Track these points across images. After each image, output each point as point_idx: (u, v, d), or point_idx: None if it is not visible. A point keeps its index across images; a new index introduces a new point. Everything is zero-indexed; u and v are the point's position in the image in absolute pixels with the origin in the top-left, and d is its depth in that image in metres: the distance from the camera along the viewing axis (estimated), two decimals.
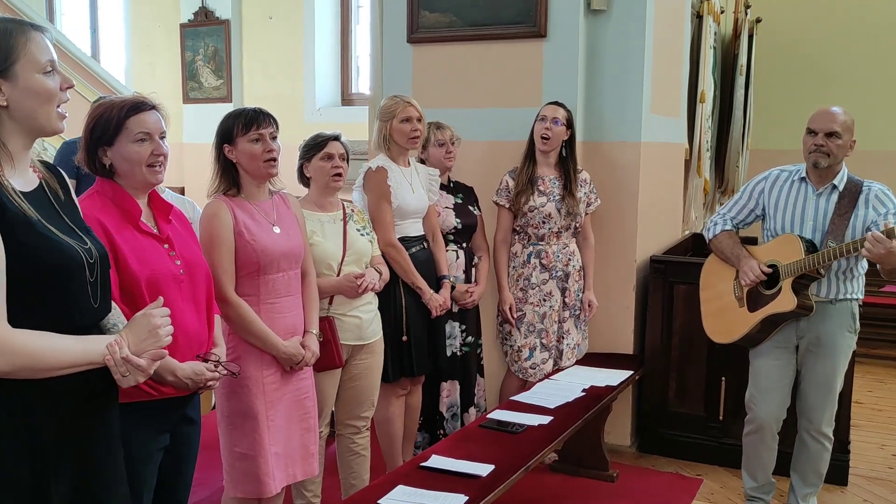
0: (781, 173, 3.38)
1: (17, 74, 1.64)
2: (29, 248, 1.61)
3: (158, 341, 1.78)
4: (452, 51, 4.25)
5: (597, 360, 4.00)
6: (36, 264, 1.62)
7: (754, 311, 3.28)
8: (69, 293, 1.68)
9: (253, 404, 2.64)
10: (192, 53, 9.00)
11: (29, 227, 1.62)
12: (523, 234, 3.82)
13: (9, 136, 1.66)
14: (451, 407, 3.77)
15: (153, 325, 1.77)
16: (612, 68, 4.06)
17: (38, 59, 1.66)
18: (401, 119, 3.42)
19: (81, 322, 1.72)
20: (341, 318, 3.06)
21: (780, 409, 3.37)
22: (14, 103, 1.65)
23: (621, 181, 4.10)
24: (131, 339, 1.74)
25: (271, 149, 2.64)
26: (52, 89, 1.68)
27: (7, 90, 1.64)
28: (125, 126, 2.14)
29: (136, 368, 1.71)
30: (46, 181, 1.77)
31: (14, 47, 1.64)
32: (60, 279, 1.66)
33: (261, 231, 2.64)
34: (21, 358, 1.56)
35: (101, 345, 1.69)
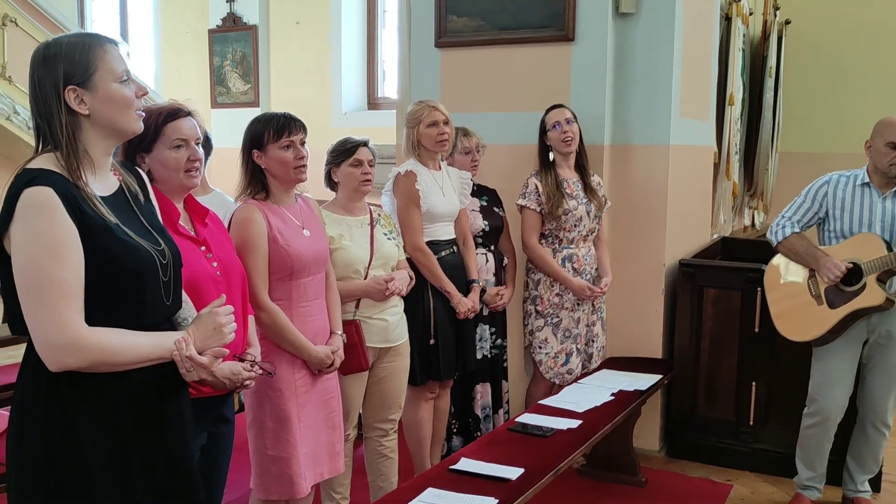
0: (841, 178, 3.50)
1: (97, 84, 1.72)
2: (107, 252, 1.69)
3: (223, 338, 1.86)
4: (480, 55, 4.26)
5: (625, 364, 3.99)
6: (114, 268, 1.70)
7: (836, 308, 3.36)
8: (145, 294, 1.77)
9: (285, 407, 2.66)
10: (220, 59, 9.11)
11: (108, 233, 1.70)
12: (553, 239, 3.80)
13: (91, 143, 1.74)
14: (484, 408, 3.78)
15: (218, 323, 1.85)
16: (640, 71, 4.05)
17: (114, 69, 1.74)
18: (427, 124, 3.43)
19: (154, 319, 1.81)
20: (368, 320, 3.07)
21: (846, 401, 3.47)
22: (95, 111, 1.73)
23: (650, 185, 4.09)
24: (197, 335, 1.82)
25: (302, 155, 2.67)
26: (130, 96, 1.76)
27: (88, 100, 1.72)
28: (163, 132, 2.19)
29: (199, 366, 1.79)
30: (126, 183, 1.85)
31: (93, 59, 1.72)
32: (136, 282, 1.74)
33: (293, 235, 2.67)
34: (97, 354, 1.65)
35: (171, 341, 1.77)
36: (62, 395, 1.68)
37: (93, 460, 1.71)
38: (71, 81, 1.69)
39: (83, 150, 1.71)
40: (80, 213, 1.65)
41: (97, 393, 1.71)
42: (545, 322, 3.81)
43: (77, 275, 1.64)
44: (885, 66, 6.82)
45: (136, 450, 1.77)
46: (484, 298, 3.65)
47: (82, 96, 1.70)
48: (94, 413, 1.71)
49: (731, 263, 4.26)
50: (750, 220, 6.92)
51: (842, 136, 6.92)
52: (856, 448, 3.58)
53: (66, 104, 1.69)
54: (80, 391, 1.69)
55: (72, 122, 1.70)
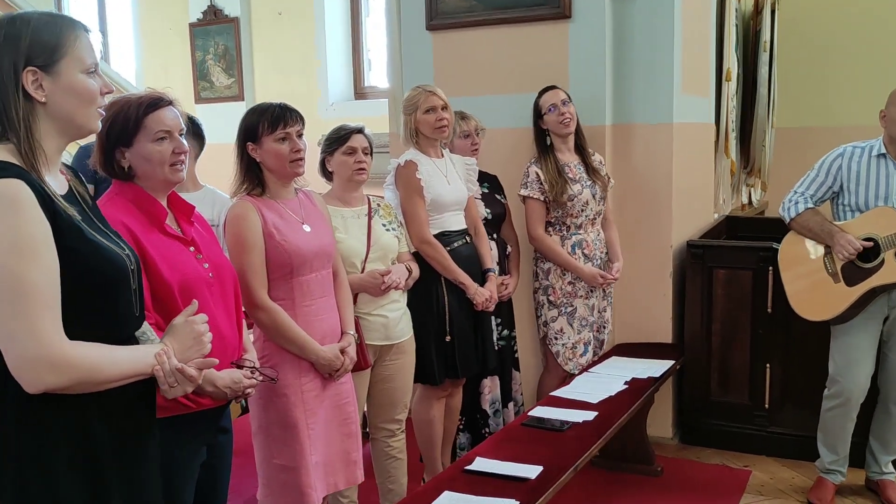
0: (855, 150, 3.35)
1: (61, 71, 1.54)
2: (80, 255, 1.52)
3: (202, 348, 1.70)
4: (474, 36, 4.11)
5: (635, 351, 3.87)
6: (87, 274, 1.52)
7: (854, 286, 3.24)
8: (119, 303, 1.60)
9: (292, 413, 2.52)
10: (203, 53, 8.90)
11: (76, 232, 1.53)
12: (560, 226, 3.67)
13: (45, 136, 1.56)
14: (493, 403, 3.65)
15: (197, 332, 1.70)
16: (640, 47, 3.91)
17: (83, 59, 1.57)
18: (424, 109, 3.28)
19: (128, 332, 1.65)
20: (366, 317, 2.94)
21: (867, 380, 3.37)
22: (53, 101, 1.54)
23: (654, 164, 3.96)
24: (176, 347, 1.66)
25: (299, 148, 2.52)
26: (94, 91, 1.59)
27: (48, 86, 1.53)
28: (143, 125, 2.02)
29: (186, 378, 1.63)
30: (74, 185, 1.66)
31: (62, 44, 1.55)
32: (111, 290, 1.57)
33: (291, 231, 2.52)
34: (80, 372, 1.48)
35: (150, 355, 1.61)
36: (33, 419, 1.49)
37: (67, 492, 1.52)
38: (33, 62, 1.51)
39: (38, 142, 1.53)
40: (51, 210, 1.48)
41: (73, 414, 1.52)
42: (559, 312, 3.68)
43: (54, 280, 1.46)
44: (879, 38, 6.70)
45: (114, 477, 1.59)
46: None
47: (42, 81, 1.52)
48: (69, 437, 1.53)
49: (741, 243, 4.14)
50: (747, 198, 6.81)
51: (837, 109, 6.83)
52: (878, 429, 3.48)
53: (23, 87, 1.51)
54: (54, 413, 1.50)
55: (27, 107, 1.51)
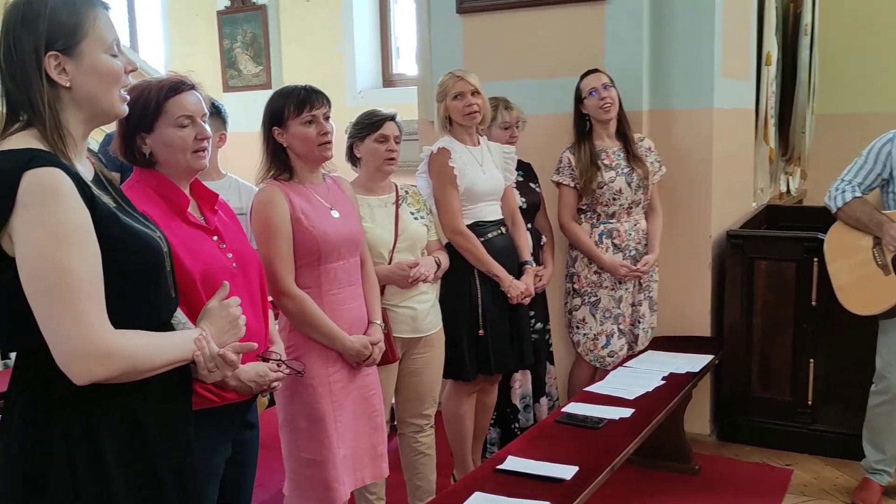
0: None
1: (84, 53, 1.48)
2: (117, 241, 1.47)
3: (238, 332, 1.68)
4: (505, 19, 3.99)
5: (672, 344, 3.73)
6: (126, 259, 1.48)
7: None
8: (157, 288, 1.55)
9: (319, 405, 2.44)
10: (230, 41, 8.85)
11: (112, 219, 1.48)
12: (591, 213, 3.56)
13: (71, 122, 1.50)
14: (523, 398, 3.54)
15: (232, 315, 1.67)
16: (679, 29, 3.76)
17: (105, 38, 1.50)
18: (453, 96, 3.16)
19: (166, 317, 1.61)
20: (394, 309, 2.84)
21: None
22: (78, 84, 1.48)
23: (693, 151, 3.81)
24: (212, 331, 1.63)
25: (326, 131, 2.43)
26: (118, 70, 1.52)
27: (71, 70, 1.47)
28: (164, 109, 1.94)
29: (228, 363, 1.60)
30: (100, 170, 1.60)
31: (82, 24, 1.47)
32: (148, 275, 1.53)
33: (319, 216, 2.43)
34: (128, 361, 1.44)
35: (189, 340, 1.57)
36: (83, 411, 1.46)
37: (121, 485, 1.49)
38: (54, 46, 1.44)
39: (65, 128, 1.46)
40: (89, 198, 1.42)
41: (120, 404, 1.50)
42: (582, 301, 3.58)
43: (98, 269, 1.41)
44: None
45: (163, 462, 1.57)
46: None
47: (65, 65, 1.45)
48: (118, 427, 1.49)
49: (784, 233, 3.98)
50: (785, 187, 6.62)
51: (881, 94, 6.60)
52: None
53: (46, 72, 1.44)
54: (102, 404, 1.47)
55: (51, 93, 1.45)
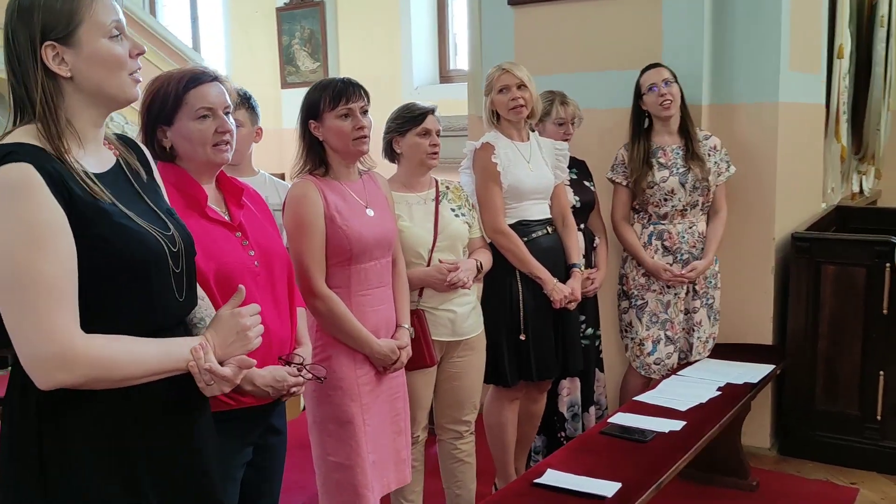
0: None
1: (82, 40, 1.40)
2: (104, 240, 1.38)
3: (247, 344, 1.53)
4: (558, 10, 3.83)
5: (730, 353, 3.53)
6: (113, 259, 1.39)
7: None
8: (152, 289, 1.45)
9: (348, 408, 2.36)
10: (289, 37, 8.87)
11: (103, 216, 1.39)
12: (643, 213, 3.39)
13: (77, 112, 1.43)
14: (571, 406, 3.38)
15: (242, 326, 1.53)
16: (743, 19, 3.55)
17: (103, 22, 1.42)
18: (498, 89, 3.02)
19: (165, 321, 1.49)
20: (432, 311, 2.72)
21: None
22: (79, 73, 1.41)
23: (756, 148, 3.59)
24: (217, 341, 1.50)
25: (362, 125, 2.34)
26: (121, 55, 1.44)
27: (71, 59, 1.40)
28: (185, 101, 1.87)
29: (221, 378, 1.47)
30: (125, 159, 1.53)
31: (77, 9, 1.40)
32: (141, 274, 1.43)
33: (354, 215, 2.34)
34: (95, 369, 1.35)
35: (185, 349, 1.46)
36: (56, 418, 1.38)
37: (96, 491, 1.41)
38: (49, 36, 1.38)
39: (65, 120, 1.40)
40: (67, 193, 1.34)
41: (99, 414, 1.40)
42: (630, 304, 3.42)
43: (67, 270, 1.33)
44: None
45: (151, 483, 1.46)
46: None
47: (63, 54, 1.39)
48: (96, 439, 1.40)
49: (854, 235, 3.74)
50: (858, 187, 6.30)
51: None
52: None
53: (44, 63, 1.37)
54: (78, 412, 1.39)
55: (50, 85, 1.38)
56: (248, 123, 2.75)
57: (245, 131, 2.73)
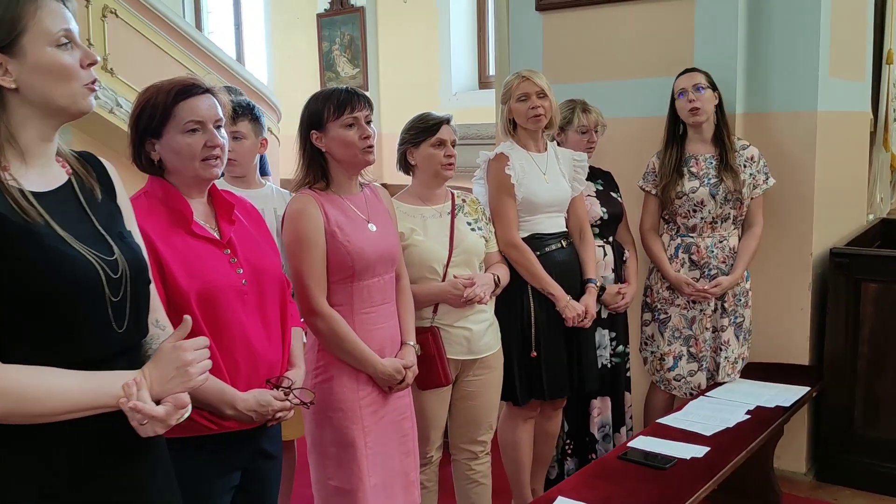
0: None
1: (26, 49, 1.33)
2: (27, 263, 1.28)
3: (188, 381, 1.40)
4: (587, 15, 3.72)
5: (763, 373, 3.37)
6: (34, 284, 1.29)
7: None
8: (81, 318, 1.34)
9: (349, 431, 2.27)
10: (329, 43, 8.90)
11: (28, 237, 1.30)
12: (672, 224, 3.26)
13: (21, 126, 1.35)
14: (602, 427, 3.25)
15: (183, 361, 1.40)
16: (780, 22, 3.39)
17: (49, 30, 1.34)
18: (517, 97, 2.93)
19: (100, 353, 1.38)
20: (447, 329, 2.63)
21: None
22: (24, 84, 1.33)
23: (793, 159, 3.43)
24: (155, 376, 1.38)
25: (368, 134, 2.26)
26: (69, 65, 1.36)
27: (14, 69, 1.32)
28: (173, 114, 1.81)
29: (152, 419, 1.34)
30: (79, 176, 1.45)
31: (21, 16, 1.32)
32: (68, 303, 1.32)
33: (355, 230, 2.27)
34: (8, 401, 1.24)
35: (117, 384, 1.34)
36: None
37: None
38: None
39: (6, 134, 1.32)
40: None
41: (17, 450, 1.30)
42: (653, 317, 3.29)
43: None
44: None
45: None
46: (603, 298, 3.12)
47: (6, 65, 1.32)
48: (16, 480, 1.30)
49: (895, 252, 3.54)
50: None
51: None
52: None
53: None
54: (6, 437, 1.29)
55: None
56: (252, 135, 2.70)
57: (249, 143, 2.69)
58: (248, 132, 2.68)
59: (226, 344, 1.82)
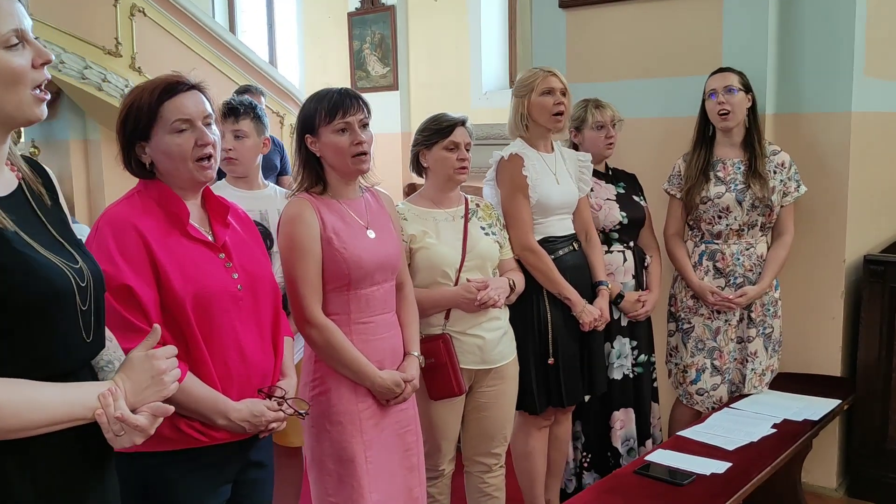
0: None
1: None
2: (2, 271, 1.22)
3: (162, 390, 1.37)
4: (612, 13, 3.61)
5: (792, 384, 3.24)
6: (11, 292, 1.22)
7: None
8: (55, 327, 1.29)
9: (349, 445, 2.18)
10: (360, 42, 8.86)
11: (2, 244, 1.24)
12: (696, 230, 3.14)
13: None
14: (626, 440, 3.14)
15: (157, 370, 1.36)
16: (813, 18, 3.25)
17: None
18: (541, 92, 2.83)
19: (70, 364, 1.33)
20: (459, 337, 2.54)
21: None
22: None
23: (826, 162, 3.29)
24: (129, 386, 1.33)
25: (360, 141, 2.15)
26: (18, 68, 1.27)
27: None
28: (159, 114, 1.75)
29: (134, 428, 1.30)
30: (28, 183, 1.38)
31: None
32: (44, 312, 1.27)
33: (353, 237, 2.18)
34: None
35: (92, 395, 1.29)
36: None
37: None
38: None
39: None
40: None
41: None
42: (677, 327, 3.18)
43: None
44: None
45: None
46: (622, 305, 3.02)
47: None
48: None
49: None
50: None
51: None
52: None
53: None
54: None
55: None
56: (254, 134, 2.64)
57: (251, 142, 2.62)
58: (250, 131, 2.62)
59: (219, 351, 1.77)
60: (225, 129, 2.57)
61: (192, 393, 1.70)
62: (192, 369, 1.72)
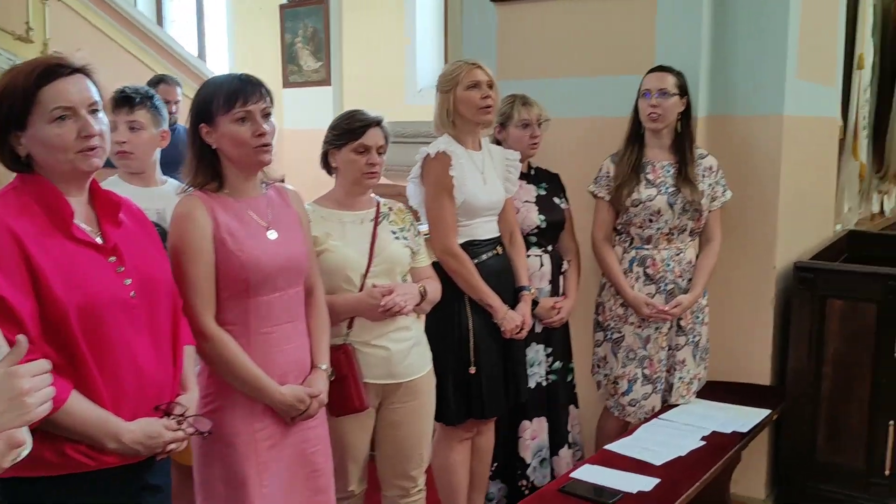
0: None
1: None
2: None
3: (25, 414, 1.17)
4: (544, 9, 3.48)
5: (722, 393, 3.16)
6: None
7: None
8: None
9: (241, 468, 1.98)
10: (292, 35, 8.60)
11: None
12: (625, 235, 3.03)
13: None
14: (538, 451, 3.01)
15: (19, 391, 1.16)
16: (746, 20, 3.18)
17: None
18: (466, 85, 2.68)
19: None
20: (362, 348, 2.35)
21: None
22: None
23: (757, 166, 3.22)
24: None
25: (262, 131, 1.96)
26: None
27: None
28: (37, 100, 1.55)
29: None
30: None
31: None
32: None
33: (250, 237, 1.98)
34: None
35: None
36: None
37: None
38: None
39: None
40: None
41: None
42: (605, 336, 3.06)
43: None
44: None
45: None
46: (536, 312, 2.89)
47: None
48: None
49: (864, 267, 3.32)
50: (878, 207, 5.91)
51: None
52: None
53: None
54: None
55: None
56: (151, 126, 2.42)
57: (147, 135, 2.40)
58: (146, 122, 2.40)
59: (109, 366, 1.59)
60: (118, 120, 2.35)
61: (76, 414, 1.51)
62: (79, 387, 1.54)
